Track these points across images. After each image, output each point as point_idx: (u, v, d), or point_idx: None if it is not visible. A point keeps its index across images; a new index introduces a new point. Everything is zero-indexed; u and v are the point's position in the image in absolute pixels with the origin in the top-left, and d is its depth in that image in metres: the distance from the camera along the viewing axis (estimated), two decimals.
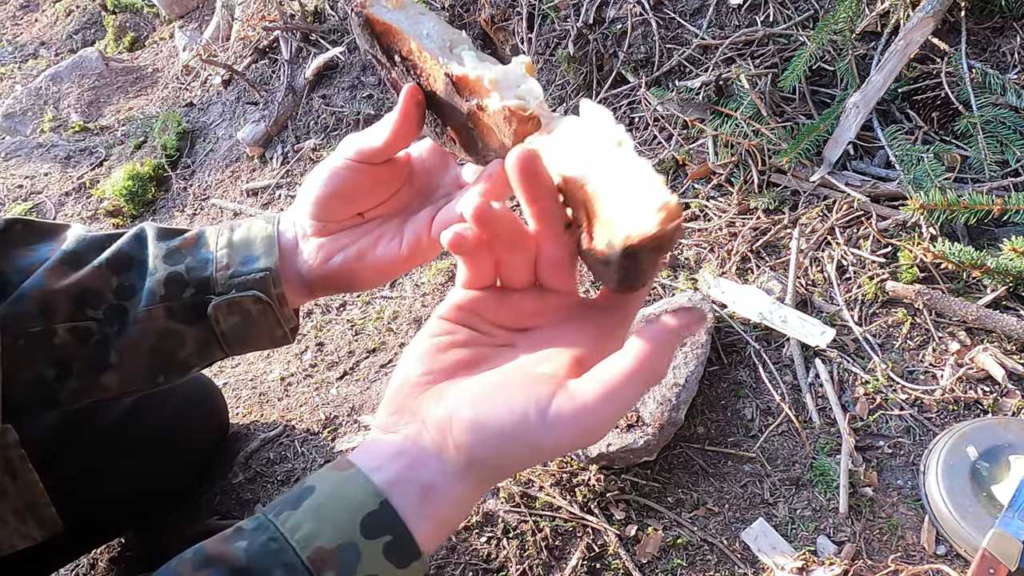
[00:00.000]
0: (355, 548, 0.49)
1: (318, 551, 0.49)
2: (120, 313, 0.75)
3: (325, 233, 0.75)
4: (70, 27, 3.68)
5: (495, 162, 0.65)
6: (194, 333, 0.77)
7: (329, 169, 0.72)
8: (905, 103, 1.63)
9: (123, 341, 0.75)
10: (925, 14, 1.48)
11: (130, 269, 0.76)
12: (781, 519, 1.14)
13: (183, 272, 0.75)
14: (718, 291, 1.43)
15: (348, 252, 0.74)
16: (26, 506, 0.74)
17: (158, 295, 0.75)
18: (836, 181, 1.55)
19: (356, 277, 0.75)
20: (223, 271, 0.75)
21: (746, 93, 1.62)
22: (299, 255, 0.76)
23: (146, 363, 0.77)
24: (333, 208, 0.73)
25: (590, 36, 1.92)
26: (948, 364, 1.26)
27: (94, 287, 0.75)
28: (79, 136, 2.82)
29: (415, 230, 0.73)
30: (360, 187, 0.72)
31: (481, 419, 0.49)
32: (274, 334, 0.79)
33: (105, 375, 0.76)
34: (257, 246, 0.76)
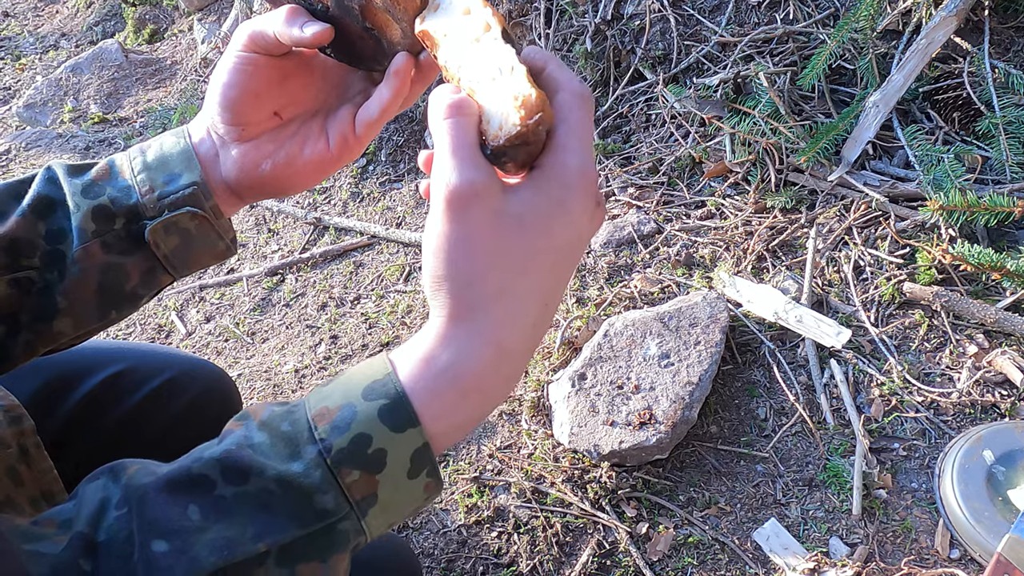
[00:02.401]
0: (352, 408, 0.52)
1: (323, 409, 0.53)
2: (58, 258, 0.73)
3: (245, 138, 0.72)
4: (90, 19, 3.71)
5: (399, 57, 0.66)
6: (136, 262, 0.75)
7: (230, 64, 0.68)
8: (926, 103, 1.61)
9: (66, 284, 0.74)
10: (948, 13, 1.46)
11: (54, 212, 0.74)
12: (793, 520, 1.14)
13: (108, 204, 0.73)
14: (733, 290, 1.42)
15: (276, 158, 0.73)
16: (41, 494, 0.75)
17: (89, 231, 0.73)
18: (854, 181, 1.53)
19: (287, 182, 0.75)
20: (148, 195, 0.73)
21: (765, 91, 1.61)
22: (221, 165, 0.73)
23: (95, 302, 0.76)
24: (246, 108, 0.70)
25: (608, 32, 1.91)
26: (965, 367, 1.25)
27: (23, 237, 0.73)
28: (98, 127, 2.84)
29: (339, 129, 0.73)
30: (268, 81, 0.70)
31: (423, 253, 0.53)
32: (216, 247, 0.77)
33: (56, 321, 0.75)
34: (175, 162, 0.74)
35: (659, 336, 1.29)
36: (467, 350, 0.53)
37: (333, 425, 0.52)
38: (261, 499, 0.51)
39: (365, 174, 2.13)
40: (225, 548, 0.50)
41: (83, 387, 1.12)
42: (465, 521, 1.21)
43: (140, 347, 1.32)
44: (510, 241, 0.51)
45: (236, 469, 0.52)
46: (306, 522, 0.51)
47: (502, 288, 0.52)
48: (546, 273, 0.54)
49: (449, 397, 0.53)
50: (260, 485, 0.51)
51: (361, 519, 0.53)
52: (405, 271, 1.76)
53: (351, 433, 0.52)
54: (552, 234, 0.52)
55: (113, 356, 1.20)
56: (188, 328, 1.80)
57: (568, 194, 0.52)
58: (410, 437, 0.52)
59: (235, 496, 0.51)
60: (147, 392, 1.18)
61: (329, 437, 0.52)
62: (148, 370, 1.21)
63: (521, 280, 0.53)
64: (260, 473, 0.51)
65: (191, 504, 0.51)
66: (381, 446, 0.52)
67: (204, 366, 1.34)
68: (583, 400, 1.24)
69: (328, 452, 0.51)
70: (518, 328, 0.54)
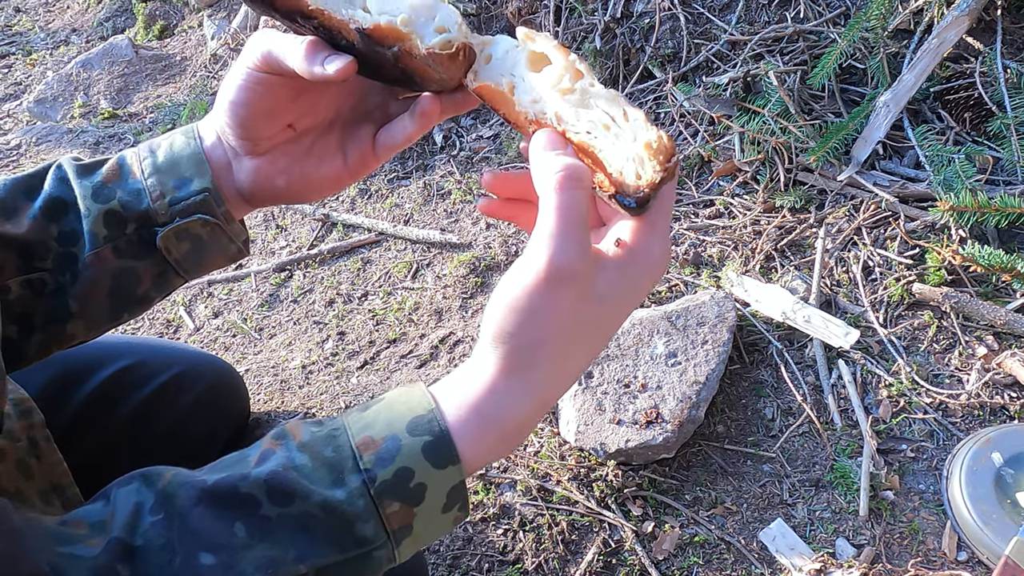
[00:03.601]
0: (398, 441, 0.54)
1: (367, 439, 0.55)
2: (70, 260, 0.73)
3: (259, 152, 0.71)
4: (101, 15, 3.73)
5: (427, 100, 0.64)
6: (148, 266, 0.75)
7: (241, 80, 0.65)
8: (937, 103, 1.60)
9: (79, 288, 0.74)
10: (960, 12, 1.45)
11: (67, 214, 0.74)
12: (800, 520, 1.14)
13: (119, 208, 0.72)
14: (741, 289, 1.42)
15: (291, 174, 0.71)
16: (51, 487, 0.75)
17: (101, 236, 0.72)
18: (864, 181, 1.53)
19: (300, 195, 0.74)
20: (159, 200, 0.72)
21: (774, 90, 1.60)
22: (234, 173, 0.72)
23: (107, 305, 0.76)
24: (258, 125, 0.68)
25: (617, 30, 1.91)
26: (974, 368, 1.25)
27: (36, 239, 0.73)
28: (108, 123, 2.85)
29: (358, 148, 0.71)
30: (280, 99, 0.67)
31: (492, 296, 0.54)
32: (228, 251, 0.77)
33: (69, 324, 0.76)
34: (185, 166, 0.72)
35: (666, 335, 1.29)
36: (515, 403, 0.55)
37: (378, 456, 0.54)
38: (303, 522, 0.53)
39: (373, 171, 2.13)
40: (269, 567, 0.52)
41: (92, 381, 1.12)
42: (470, 518, 1.21)
43: (149, 342, 1.33)
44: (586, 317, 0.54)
45: (281, 491, 0.53)
46: (345, 548, 0.53)
47: (560, 351, 0.54)
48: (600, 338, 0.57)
49: (491, 442, 0.55)
50: (304, 509, 0.53)
51: (395, 548, 0.55)
52: (413, 268, 1.76)
53: (395, 466, 0.53)
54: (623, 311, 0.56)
55: (122, 351, 1.20)
56: (196, 323, 1.80)
57: (647, 277, 0.55)
58: (449, 474, 0.54)
59: (279, 517, 0.53)
60: (155, 387, 1.19)
61: (374, 468, 0.53)
62: (156, 365, 1.22)
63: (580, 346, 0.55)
64: (305, 497, 0.53)
65: (237, 522, 0.53)
66: (422, 481, 0.53)
67: (212, 361, 1.35)
68: (590, 398, 1.24)
69: (372, 483, 0.53)
70: (564, 385, 0.57)
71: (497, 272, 1.67)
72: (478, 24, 2.17)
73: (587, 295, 0.53)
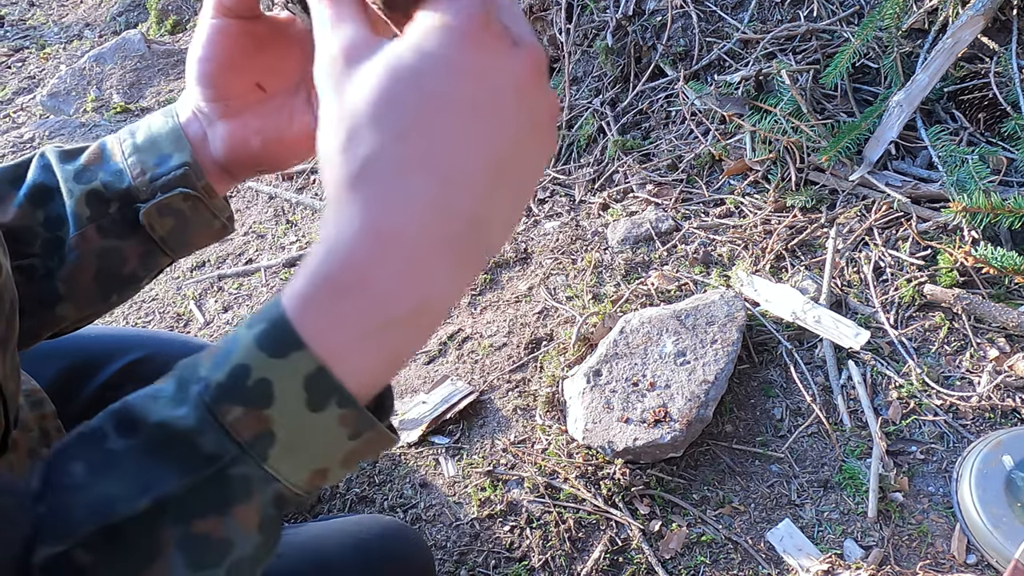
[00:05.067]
0: (235, 340, 0.46)
1: (209, 349, 0.47)
2: (57, 245, 0.73)
3: (229, 114, 0.70)
4: (114, 9, 3.74)
5: None
6: (133, 245, 0.74)
7: (203, 36, 0.66)
8: (951, 103, 1.59)
9: (65, 271, 0.74)
10: (975, 12, 1.44)
11: (51, 199, 0.74)
12: (808, 521, 1.13)
13: (101, 188, 0.72)
14: (751, 289, 1.42)
15: (266, 134, 0.71)
16: None
17: (84, 217, 0.72)
18: (876, 181, 1.52)
19: (278, 157, 0.73)
20: (140, 177, 0.72)
21: (786, 89, 1.60)
22: (210, 142, 0.72)
23: (95, 286, 0.76)
24: (224, 81, 0.68)
25: (629, 28, 1.90)
26: (986, 371, 1.24)
27: (23, 225, 0.73)
28: (121, 116, 2.87)
29: None
30: (243, 49, 0.66)
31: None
32: (212, 227, 0.76)
33: (58, 307, 0.75)
34: (165, 143, 0.72)
35: (675, 334, 1.29)
36: (333, 240, 0.43)
37: (213, 361, 0.45)
38: (147, 450, 0.45)
39: None
40: (105, 507, 0.45)
41: (103, 374, 1.13)
42: (478, 515, 1.21)
43: (159, 335, 1.34)
44: (382, 98, 0.41)
45: (128, 420, 0.47)
46: (190, 469, 0.45)
47: (370, 157, 0.42)
48: (438, 135, 0.42)
49: (324, 300, 0.44)
50: (146, 435, 0.46)
51: (261, 462, 0.45)
52: None
53: (229, 365, 0.44)
54: (436, 83, 0.41)
55: (132, 344, 1.21)
56: (207, 317, 1.81)
57: (449, 32, 0.41)
58: (296, 362, 0.44)
59: (125, 449, 0.46)
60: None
61: (209, 374, 0.45)
62: (166, 358, 1.22)
63: (397, 146, 0.42)
64: (146, 422, 0.46)
65: (77, 461, 0.47)
66: (263, 375, 0.44)
67: None
68: (598, 396, 1.24)
69: (206, 390, 0.45)
70: (399, 206, 0.42)
71: (506, 269, 1.67)
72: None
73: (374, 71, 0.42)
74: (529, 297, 1.56)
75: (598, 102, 1.93)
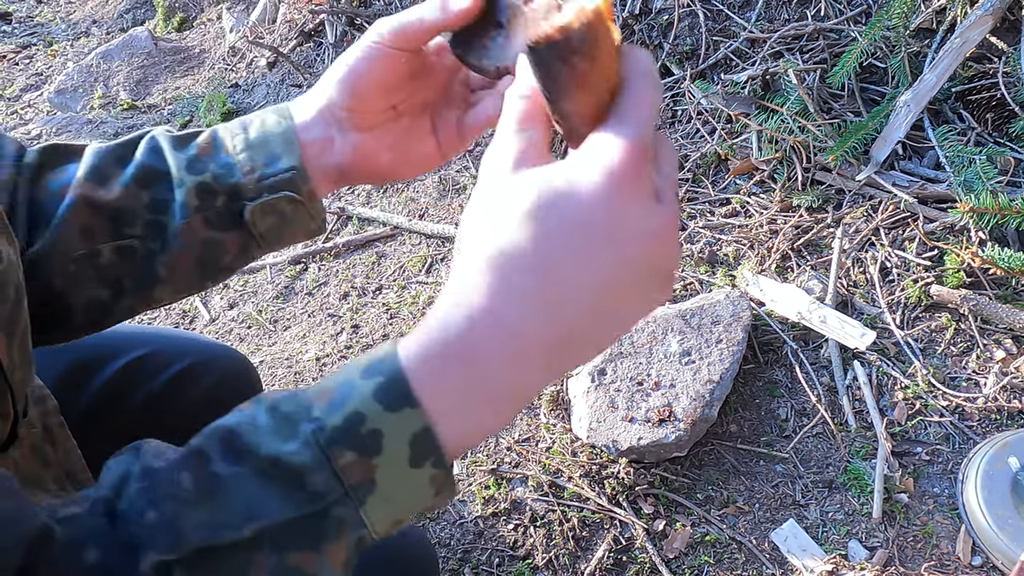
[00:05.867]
0: (350, 386, 0.49)
1: (321, 389, 0.50)
2: (159, 228, 0.76)
3: (365, 127, 0.74)
4: (121, 7, 3.75)
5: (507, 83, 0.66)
6: (233, 237, 0.78)
7: (366, 52, 0.70)
8: (958, 103, 1.58)
9: (168, 256, 0.77)
10: (984, 12, 1.43)
11: (157, 182, 0.77)
12: (812, 521, 1.13)
13: (211, 181, 0.75)
14: (756, 289, 1.41)
15: (396, 151, 0.76)
16: (65, 474, 0.76)
17: (192, 206, 0.75)
18: (883, 181, 1.51)
19: (395, 173, 0.79)
20: (249, 175, 0.75)
21: (793, 88, 1.59)
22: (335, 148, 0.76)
23: (194, 273, 0.80)
24: (374, 98, 0.73)
25: (636, 26, 1.90)
26: (992, 372, 1.23)
27: (126, 206, 0.76)
28: (127, 113, 2.87)
29: (447, 131, 0.77)
30: (399, 75, 0.71)
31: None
32: (308, 227, 0.80)
33: (156, 289, 0.79)
34: (276, 143, 0.76)
35: (681, 333, 1.28)
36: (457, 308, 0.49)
37: (330, 403, 0.49)
38: (254, 480, 0.49)
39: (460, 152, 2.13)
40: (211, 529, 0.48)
41: (107, 370, 1.13)
42: (482, 513, 1.21)
43: (163, 332, 1.34)
44: (531, 208, 0.47)
45: (234, 447, 0.50)
46: (296, 504, 0.48)
47: (508, 253, 0.47)
48: (566, 256, 0.47)
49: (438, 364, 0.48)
50: (254, 465, 0.49)
51: (359, 507, 0.49)
52: (427, 262, 1.77)
53: (345, 411, 0.48)
54: (578, 212, 0.46)
55: (137, 340, 1.21)
56: (212, 314, 1.81)
57: (606, 174, 0.45)
58: (407, 418, 0.48)
59: (230, 475, 0.49)
60: (169, 376, 1.19)
61: (323, 416, 0.49)
62: (171, 355, 1.23)
63: (531, 254, 0.47)
64: (256, 453, 0.49)
65: (184, 472, 0.49)
66: (376, 427, 0.48)
67: (226, 352, 1.35)
68: (603, 395, 1.24)
69: (321, 431, 0.48)
70: (518, 303, 0.47)
71: None
72: None
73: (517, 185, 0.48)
74: None
75: None
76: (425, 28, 0.68)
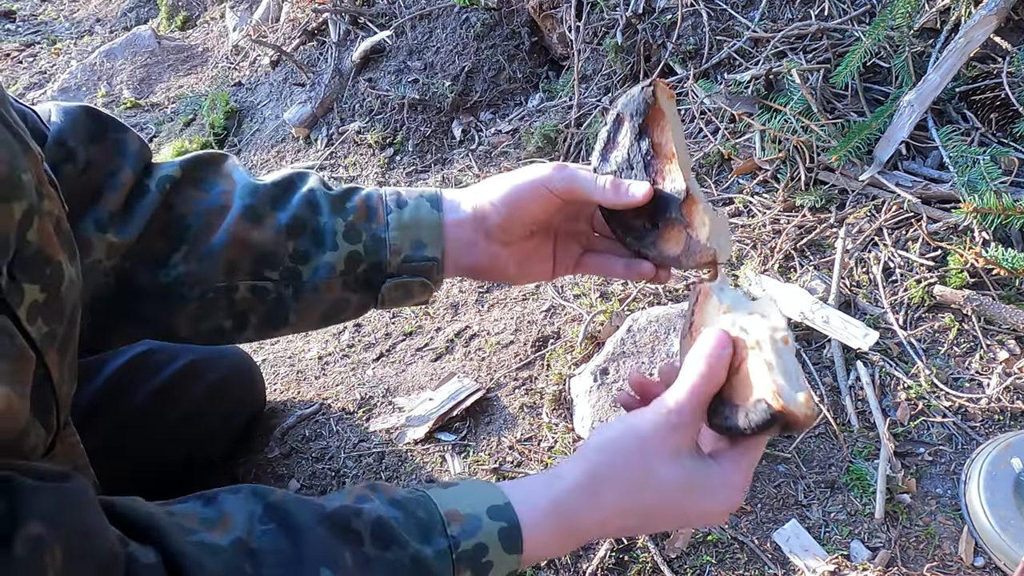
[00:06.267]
0: (479, 520, 0.65)
1: (453, 511, 0.66)
2: (295, 276, 0.83)
3: (505, 242, 0.84)
4: (125, 5, 3.76)
5: (647, 267, 0.83)
6: (359, 298, 0.87)
7: (536, 192, 0.80)
8: (962, 103, 1.58)
9: (301, 304, 0.85)
10: (988, 11, 1.43)
11: (304, 234, 0.83)
12: (814, 521, 1.13)
13: (361, 252, 0.83)
14: (759, 288, 1.41)
15: (521, 265, 0.87)
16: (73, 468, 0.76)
17: (339, 271, 0.83)
18: (886, 181, 1.51)
19: (511, 279, 0.91)
20: (395, 255, 0.84)
21: (797, 88, 1.59)
22: (479, 250, 0.85)
23: (317, 321, 0.89)
24: (525, 225, 0.83)
25: (639, 26, 1.90)
26: (995, 373, 1.23)
27: (273, 251, 0.82)
28: (131, 112, 2.88)
29: (566, 259, 0.90)
30: (552, 215, 0.83)
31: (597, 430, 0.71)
32: (420, 301, 0.90)
33: (283, 329, 0.88)
34: (424, 232, 0.84)
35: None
36: (573, 496, 0.68)
37: (463, 528, 0.64)
38: (395, 568, 0.61)
39: (392, 164, 2.14)
40: None
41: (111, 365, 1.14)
42: None
43: None
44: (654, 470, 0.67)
45: (382, 536, 0.62)
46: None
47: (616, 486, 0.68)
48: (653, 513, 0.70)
49: (544, 527, 0.67)
50: (398, 556, 0.61)
51: None
52: None
53: (475, 540, 0.64)
54: (685, 506, 0.69)
55: None
56: None
57: (721, 489, 0.69)
58: (512, 560, 0.65)
59: (377, 559, 0.61)
60: (172, 372, 1.20)
61: (459, 536, 0.64)
62: (173, 351, 1.23)
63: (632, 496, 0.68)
64: (402, 547, 0.62)
65: (347, 551, 0.61)
66: (492, 559, 0.64)
67: (228, 350, 1.36)
68: (605, 395, 1.24)
69: (456, 548, 0.63)
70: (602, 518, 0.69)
71: None
72: (499, 18, 2.17)
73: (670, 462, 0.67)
74: (536, 295, 1.56)
75: (607, 100, 1.92)
76: (594, 198, 0.79)
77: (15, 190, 0.57)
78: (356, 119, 2.26)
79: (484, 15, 2.16)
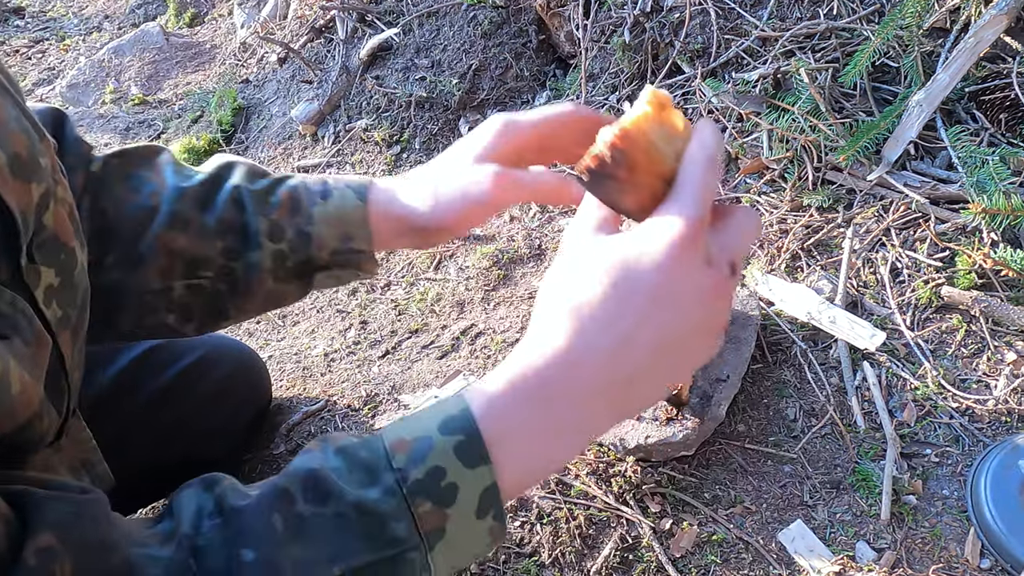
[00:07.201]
0: (429, 440, 0.54)
1: (399, 440, 0.55)
2: (228, 272, 0.85)
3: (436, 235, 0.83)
4: (133, 2, 3.77)
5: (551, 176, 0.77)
6: (294, 288, 0.88)
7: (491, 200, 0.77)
8: (971, 103, 1.57)
9: (238, 299, 0.86)
10: (998, 11, 1.42)
11: (232, 233, 0.84)
12: (820, 522, 1.12)
13: (286, 249, 0.84)
14: (766, 288, 1.41)
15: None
16: (81, 463, 0.77)
17: (266, 268, 0.84)
18: (894, 181, 1.51)
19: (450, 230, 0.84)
20: (323, 249, 0.83)
21: (805, 87, 1.58)
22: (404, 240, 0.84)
23: (256, 312, 0.92)
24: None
25: (646, 24, 1.89)
26: (1003, 374, 1.23)
27: (204, 254, 0.83)
28: (138, 109, 2.88)
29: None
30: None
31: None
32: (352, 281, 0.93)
33: (223, 322, 0.90)
34: (351, 225, 0.83)
35: None
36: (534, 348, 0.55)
37: (410, 456, 0.53)
38: (337, 522, 0.52)
39: (399, 161, 2.14)
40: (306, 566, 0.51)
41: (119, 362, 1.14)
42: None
43: None
44: (602, 267, 0.53)
45: (316, 490, 0.53)
46: (378, 548, 0.52)
47: (581, 303, 0.53)
48: (628, 309, 0.53)
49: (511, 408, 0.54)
50: (337, 509, 0.53)
51: (428, 552, 0.53)
52: (436, 259, 1.77)
53: (427, 465, 0.53)
54: (641, 273, 0.52)
55: None
56: None
57: (667, 243, 0.51)
58: (480, 475, 0.53)
59: (313, 516, 0.53)
60: (179, 368, 1.20)
61: (406, 467, 0.53)
62: (181, 347, 1.24)
63: (600, 304, 0.53)
64: (339, 497, 0.53)
65: (275, 513, 0.53)
66: (454, 480, 0.53)
67: (235, 346, 1.36)
68: None
69: (405, 482, 0.53)
70: (588, 347, 0.53)
71: (520, 264, 1.67)
72: (506, 16, 2.17)
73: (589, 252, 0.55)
74: None
75: (615, 99, 1.92)
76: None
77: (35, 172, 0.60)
78: (363, 116, 2.26)
79: (491, 13, 2.16)
